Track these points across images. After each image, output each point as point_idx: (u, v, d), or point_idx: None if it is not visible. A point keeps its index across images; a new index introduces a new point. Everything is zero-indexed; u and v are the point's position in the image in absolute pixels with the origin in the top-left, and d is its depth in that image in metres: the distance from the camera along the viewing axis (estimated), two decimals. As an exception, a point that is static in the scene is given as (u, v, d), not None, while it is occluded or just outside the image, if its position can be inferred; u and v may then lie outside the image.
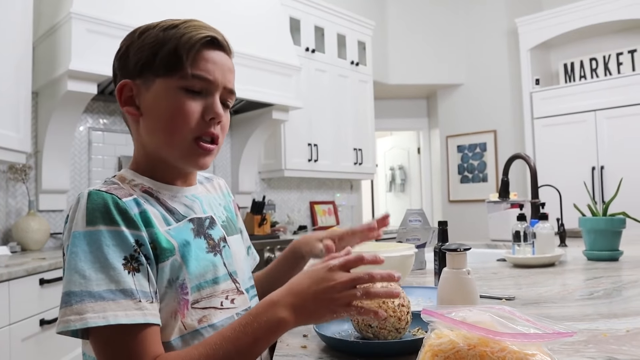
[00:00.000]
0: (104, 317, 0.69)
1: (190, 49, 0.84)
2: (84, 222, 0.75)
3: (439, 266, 1.32)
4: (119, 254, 0.74)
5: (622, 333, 0.81)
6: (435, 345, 0.64)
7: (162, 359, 0.71)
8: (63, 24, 2.68)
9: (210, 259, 0.88)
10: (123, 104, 0.89)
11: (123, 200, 0.79)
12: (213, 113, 0.86)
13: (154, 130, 0.87)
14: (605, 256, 1.73)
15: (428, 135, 6.37)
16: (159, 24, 0.88)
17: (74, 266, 0.73)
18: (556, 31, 4.89)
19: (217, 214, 0.98)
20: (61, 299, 0.72)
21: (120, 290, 0.72)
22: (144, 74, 0.86)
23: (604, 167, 4.49)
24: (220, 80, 0.87)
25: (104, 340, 0.71)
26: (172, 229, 0.84)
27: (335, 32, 4.69)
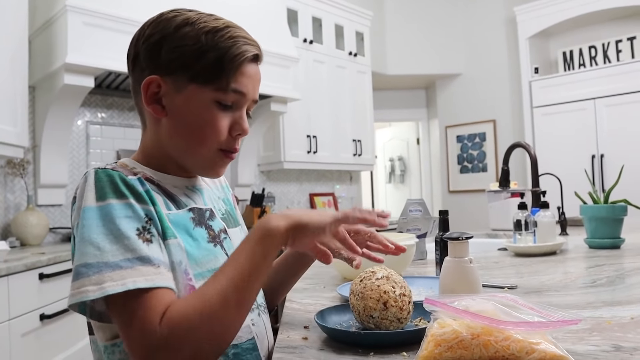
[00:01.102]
0: (123, 284, 0.69)
1: (237, 66, 0.83)
2: (94, 197, 0.75)
3: (441, 256, 1.31)
4: (132, 224, 0.75)
5: (627, 320, 0.81)
6: (438, 334, 0.63)
7: (170, 308, 0.70)
8: (59, 17, 2.66)
9: (211, 249, 0.87)
10: (148, 101, 0.85)
11: (129, 177, 0.80)
12: (240, 130, 0.87)
13: (178, 135, 0.86)
14: (606, 244, 1.72)
15: (427, 125, 6.35)
16: (197, 20, 0.83)
17: (88, 239, 0.72)
18: (555, 19, 4.86)
19: (216, 206, 0.98)
20: (75, 272, 0.71)
21: (137, 258, 0.72)
22: (177, 74, 0.83)
23: (603, 155, 4.48)
24: (251, 95, 0.88)
25: (124, 307, 0.70)
26: (172, 214, 0.84)
27: (333, 22, 4.66)
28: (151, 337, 0.67)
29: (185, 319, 0.68)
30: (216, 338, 0.71)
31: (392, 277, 0.78)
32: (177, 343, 0.68)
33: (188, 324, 0.68)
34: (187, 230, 0.85)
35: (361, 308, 0.76)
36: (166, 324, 0.68)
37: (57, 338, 2.19)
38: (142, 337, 0.68)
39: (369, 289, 0.77)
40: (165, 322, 0.68)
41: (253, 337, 0.89)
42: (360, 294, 0.77)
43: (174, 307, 0.70)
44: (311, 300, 1.10)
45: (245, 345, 0.87)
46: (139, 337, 0.68)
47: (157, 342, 0.67)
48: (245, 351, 0.87)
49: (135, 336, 0.68)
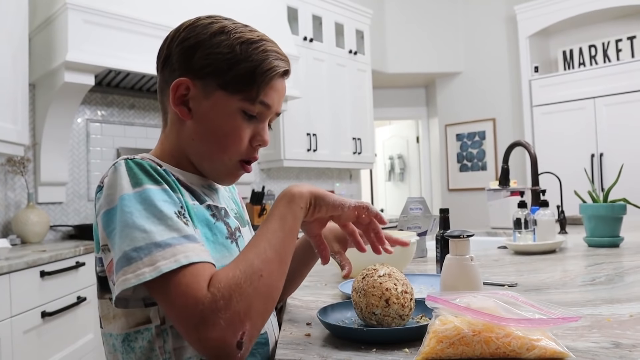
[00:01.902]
0: (175, 260, 0.70)
1: (268, 80, 0.85)
2: (130, 185, 0.77)
3: (441, 253, 1.32)
4: (171, 207, 0.77)
5: (626, 318, 0.81)
6: (440, 331, 0.64)
7: (215, 273, 0.72)
8: (59, 15, 2.66)
9: (228, 246, 0.89)
10: (175, 102, 0.87)
11: (158, 167, 0.82)
12: (261, 141, 0.90)
13: (201, 139, 0.88)
14: (606, 242, 1.73)
15: (427, 124, 6.36)
16: (232, 30, 0.85)
17: (132, 224, 0.73)
18: (555, 18, 4.87)
19: (229, 206, 1.00)
20: (124, 257, 0.71)
21: (183, 236, 0.74)
22: (207, 80, 0.85)
23: (603, 154, 4.48)
24: (276, 108, 0.90)
25: (170, 284, 0.70)
26: (195, 206, 0.87)
27: (333, 21, 4.66)
28: (202, 301, 0.68)
29: (232, 279, 0.70)
30: (263, 294, 0.72)
31: (394, 274, 0.79)
32: (229, 303, 0.68)
33: (235, 283, 0.70)
34: (208, 224, 0.87)
35: (363, 305, 0.77)
36: (214, 287, 0.69)
37: (59, 335, 2.20)
38: (193, 304, 0.68)
39: (371, 286, 0.77)
40: (212, 285, 0.70)
41: (266, 332, 0.90)
42: (362, 291, 0.78)
43: (219, 272, 0.72)
44: (313, 297, 1.11)
45: (259, 339, 0.88)
46: (190, 305, 0.68)
47: (210, 305, 0.68)
48: (257, 345, 0.88)
49: (186, 304, 0.69)
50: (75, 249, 2.35)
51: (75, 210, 3.17)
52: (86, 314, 2.39)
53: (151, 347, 0.80)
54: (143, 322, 0.81)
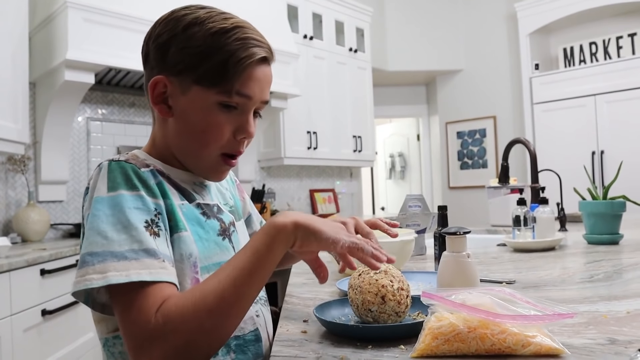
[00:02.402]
0: (126, 275, 0.69)
1: (242, 69, 0.81)
2: (106, 188, 0.77)
3: (439, 251, 1.32)
4: (141, 216, 0.75)
5: (622, 315, 0.81)
6: (435, 328, 0.64)
7: (167, 300, 0.71)
8: (59, 13, 2.66)
9: (219, 242, 0.89)
10: (154, 101, 0.86)
11: (141, 170, 0.81)
12: (246, 133, 0.87)
13: (182, 136, 0.86)
14: (605, 240, 1.73)
15: (427, 121, 6.35)
16: (206, 20, 0.82)
17: (96, 228, 0.73)
18: (555, 15, 4.86)
19: (222, 201, 0.99)
20: (80, 260, 0.72)
21: (143, 249, 0.72)
22: (183, 75, 0.83)
23: (604, 151, 4.48)
24: (259, 97, 0.86)
25: (124, 297, 0.70)
26: (184, 206, 0.86)
27: (334, 18, 4.65)
28: (146, 326, 0.68)
29: (180, 311, 0.69)
30: (209, 333, 0.70)
31: (390, 271, 0.79)
32: (169, 334, 0.68)
33: (182, 316, 0.68)
34: (199, 222, 0.87)
35: (360, 302, 0.77)
36: (161, 315, 0.68)
37: (59, 333, 2.20)
38: (137, 327, 0.69)
39: (367, 283, 0.77)
40: (160, 312, 0.69)
41: (257, 329, 0.91)
42: (358, 288, 0.78)
43: (171, 299, 0.70)
44: (310, 294, 1.11)
45: (249, 337, 0.88)
46: (134, 326, 0.69)
47: (151, 332, 0.68)
48: (248, 342, 0.88)
49: (131, 325, 0.69)
50: (76, 247, 2.35)
51: (76, 208, 3.17)
52: (86, 313, 2.39)
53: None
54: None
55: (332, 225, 0.77)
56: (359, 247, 0.76)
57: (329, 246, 0.75)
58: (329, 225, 0.77)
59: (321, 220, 0.78)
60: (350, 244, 0.75)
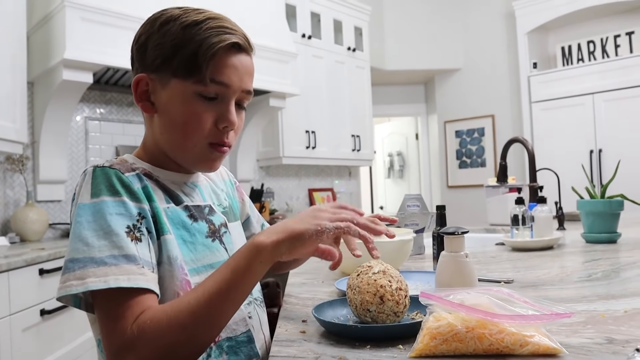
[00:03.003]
0: (105, 281, 0.70)
1: (211, 57, 0.82)
2: (89, 194, 0.78)
3: (438, 250, 1.32)
4: (122, 222, 0.76)
5: (620, 314, 0.82)
6: (433, 327, 0.65)
7: (145, 311, 0.72)
8: (57, 13, 2.66)
9: (208, 244, 0.89)
10: (138, 99, 0.88)
11: (126, 175, 0.81)
12: (227, 122, 0.86)
13: (167, 130, 0.87)
14: (603, 238, 1.73)
15: (426, 120, 6.35)
16: (180, 16, 0.84)
17: (78, 234, 0.74)
18: (553, 14, 4.86)
19: (216, 202, 0.99)
20: (63, 267, 0.74)
21: (123, 255, 0.73)
22: (161, 71, 0.85)
23: (602, 150, 4.49)
24: (237, 85, 0.86)
25: (105, 303, 0.72)
26: (170, 209, 0.86)
27: (332, 17, 4.65)
28: (122, 336, 0.69)
29: (155, 324, 0.70)
30: (184, 345, 0.71)
31: (389, 271, 0.79)
32: (142, 347, 0.69)
33: (157, 329, 0.70)
34: (185, 225, 0.87)
35: (358, 302, 0.77)
36: (137, 326, 0.70)
37: (58, 333, 2.20)
38: (114, 335, 0.70)
39: (365, 283, 0.77)
40: (137, 324, 0.70)
41: (249, 330, 0.91)
42: (357, 288, 0.78)
43: (148, 312, 0.72)
44: (309, 294, 1.11)
45: (241, 338, 0.89)
46: (112, 334, 0.70)
47: (126, 342, 0.69)
48: (240, 344, 0.88)
49: (109, 333, 0.71)
50: (74, 247, 2.35)
51: (74, 208, 3.17)
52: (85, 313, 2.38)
53: None
54: None
55: (310, 216, 0.78)
56: (345, 230, 0.77)
57: (317, 241, 0.76)
58: (307, 219, 0.77)
59: (298, 219, 0.78)
60: (334, 229, 0.76)
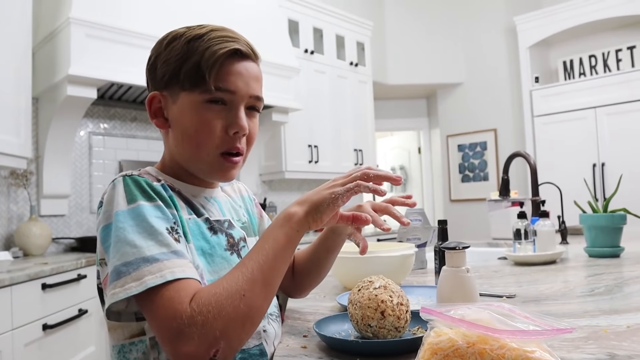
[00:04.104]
0: (161, 276, 0.72)
1: (213, 64, 0.84)
2: (125, 201, 0.79)
3: (440, 265, 1.31)
4: (163, 223, 0.78)
5: (623, 329, 0.81)
6: (434, 343, 0.64)
7: (199, 290, 0.73)
8: (62, 29, 2.69)
9: (227, 257, 0.90)
10: (152, 116, 0.91)
11: (154, 183, 0.84)
12: (237, 127, 0.87)
13: (180, 143, 0.89)
14: (606, 253, 1.73)
15: (428, 134, 6.37)
16: (185, 32, 0.88)
17: (124, 239, 0.75)
18: (555, 29, 4.89)
19: (235, 217, 1.00)
20: (116, 272, 0.73)
21: (172, 252, 0.75)
22: (170, 86, 0.87)
23: (604, 163, 4.48)
24: (244, 91, 0.87)
25: (158, 296, 0.71)
26: (191, 220, 0.88)
27: (334, 33, 4.69)
28: (181, 315, 0.69)
29: (214, 297, 0.71)
30: (242, 315, 0.72)
31: (390, 286, 0.79)
32: (206, 319, 0.69)
33: (217, 301, 0.70)
34: (205, 237, 0.88)
35: (359, 317, 0.77)
36: (196, 302, 0.70)
37: (60, 348, 2.19)
38: (172, 316, 0.70)
39: (366, 298, 0.77)
40: (194, 301, 0.71)
41: (261, 343, 0.91)
42: (358, 303, 0.78)
43: (203, 289, 0.73)
44: (311, 309, 1.11)
45: (253, 351, 0.89)
46: (169, 317, 0.70)
47: (187, 319, 0.69)
48: (252, 356, 0.88)
49: (165, 316, 0.70)
50: (77, 262, 2.35)
51: (78, 222, 3.18)
52: (88, 327, 2.38)
53: (146, 358, 0.81)
54: (137, 334, 0.82)
55: (325, 187, 0.83)
56: (356, 190, 0.80)
57: (335, 207, 0.80)
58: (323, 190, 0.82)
59: (316, 191, 0.82)
60: (345, 192, 0.80)
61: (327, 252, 1.05)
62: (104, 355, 2.45)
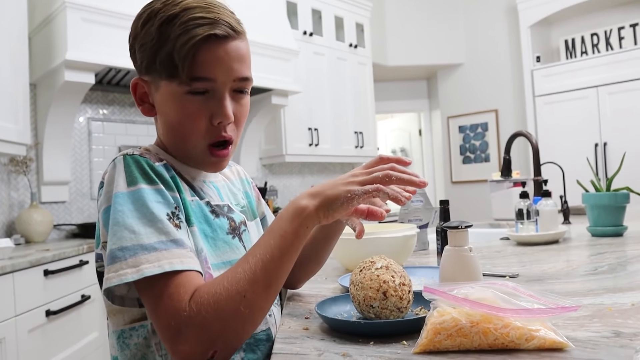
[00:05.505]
0: (159, 266, 0.70)
1: (186, 55, 0.78)
2: (125, 183, 0.77)
3: (442, 245, 1.31)
4: (163, 209, 0.76)
5: (627, 307, 0.81)
6: (437, 323, 0.64)
7: (200, 287, 0.71)
8: (58, 14, 2.66)
9: (229, 241, 0.88)
10: (138, 102, 0.87)
11: (156, 164, 0.81)
12: (221, 117, 0.82)
13: (167, 132, 0.87)
14: (609, 232, 1.72)
15: (429, 116, 6.34)
16: (159, 10, 0.81)
17: (122, 223, 0.73)
18: (556, 7, 4.83)
19: (234, 201, 0.98)
20: (111, 256, 0.72)
21: (170, 240, 0.73)
22: (150, 73, 0.83)
23: (607, 143, 4.46)
24: (226, 76, 0.81)
25: (156, 287, 0.70)
26: (194, 202, 0.86)
27: (333, 14, 4.64)
28: (180, 314, 0.68)
29: (213, 297, 0.69)
30: (242, 316, 0.70)
31: (392, 266, 0.78)
32: (204, 320, 0.68)
33: (216, 302, 0.68)
34: (207, 220, 0.86)
35: (361, 298, 0.77)
36: (195, 302, 0.69)
37: (63, 334, 2.21)
38: (171, 315, 0.69)
39: (368, 278, 0.77)
40: (194, 300, 0.69)
41: (269, 328, 0.90)
42: (360, 284, 0.77)
43: (203, 287, 0.71)
44: (312, 291, 1.10)
45: (260, 336, 0.88)
46: (169, 315, 0.69)
47: (186, 319, 0.68)
48: (259, 341, 0.88)
49: (164, 313, 0.69)
50: (79, 248, 2.35)
51: (79, 208, 3.17)
52: (91, 312, 2.39)
53: (147, 344, 0.80)
54: (138, 319, 0.81)
55: (343, 181, 0.75)
56: (374, 195, 0.73)
57: (349, 207, 0.73)
58: (339, 185, 0.75)
59: (332, 184, 0.75)
60: (363, 194, 0.73)
61: (326, 239, 1.00)
62: (107, 341, 2.47)
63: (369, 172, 0.77)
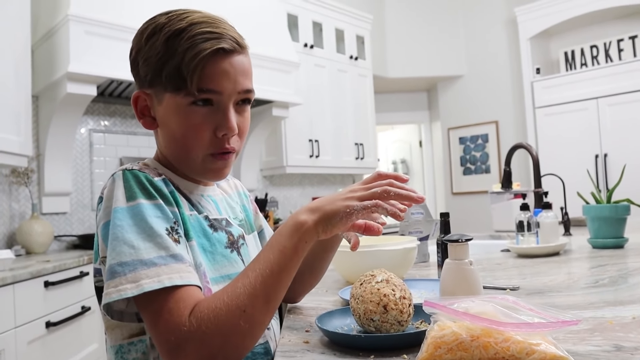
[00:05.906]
0: (159, 281, 0.70)
1: (195, 68, 0.79)
2: (124, 198, 0.77)
3: (442, 258, 1.31)
4: (162, 224, 0.76)
5: (628, 320, 0.81)
6: (438, 337, 0.64)
7: (200, 302, 0.71)
8: (61, 27, 2.68)
9: (227, 255, 0.88)
10: (139, 115, 0.87)
11: (155, 179, 0.81)
12: (226, 129, 0.83)
13: (169, 144, 0.87)
14: (610, 244, 1.72)
15: (429, 127, 6.35)
16: (165, 25, 0.82)
17: (122, 238, 0.73)
18: (556, 19, 4.86)
19: (232, 214, 0.98)
20: (111, 271, 0.72)
21: (170, 255, 0.73)
22: (154, 86, 0.84)
23: (607, 154, 4.46)
24: (231, 89, 0.83)
25: (156, 302, 0.70)
26: (193, 216, 0.86)
27: (334, 27, 4.67)
28: (180, 329, 0.68)
29: (213, 312, 0.69)
30: (242, 331, 0.70)
31: (392, 280, 0.78)
32: (204, 335, 0.68)
33: (216, 317, 0.69)
34: (206, 234, 0.87)
35: (362, 311, 0.77)
36: (195, 316, 0.69)
37: (63, 345, 2.20)
38: (171, 330, 0.68)
39: (369, 292, 0.77)
40: (194, 315, 0.69)
41: (267, 341, 0.90)
42: (360, 297, 0.77)
43: (202, 302, 0.71)
44: (313, 304, 1.10)
45: (258, 349, 0.88)
46: (168, 330, 0.69)
47: (186, 334, 0.68)
48: (257, 355, 0.87)
49: (164, 328, 0.69)
50: (79, 259, 2.35)
51: (80, 220, 3.18)
52: (91, 324, 2.39)
53: (145, 359, 0.80)
54: (137, 334, 0.81)
55: (341, 197, 0.77)
56: (372, 210, 0.75)
57: (347, 222, 0.75)
58: (338, 200, 0.76)
59: (331, 199, 0.77)
60: (362, 210, 0.75)
61: (323, 252, 1.00)
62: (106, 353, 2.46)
63: (368, 188, 0.78)
